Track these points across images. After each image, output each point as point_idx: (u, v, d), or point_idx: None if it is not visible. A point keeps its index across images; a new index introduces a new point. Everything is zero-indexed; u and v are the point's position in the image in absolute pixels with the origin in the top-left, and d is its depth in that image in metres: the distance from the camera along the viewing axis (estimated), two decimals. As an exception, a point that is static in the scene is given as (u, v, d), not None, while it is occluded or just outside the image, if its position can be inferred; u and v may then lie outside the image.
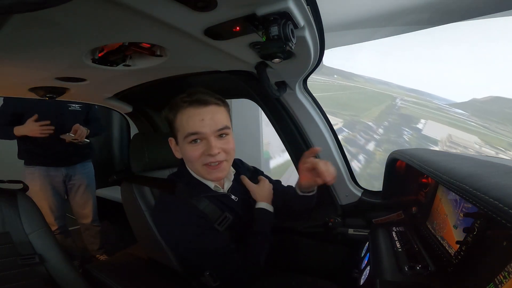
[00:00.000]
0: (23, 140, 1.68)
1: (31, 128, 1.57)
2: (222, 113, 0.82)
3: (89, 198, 1.92)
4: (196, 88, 0.82)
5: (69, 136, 1.63)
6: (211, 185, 0.88)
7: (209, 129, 0.77)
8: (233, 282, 0.80)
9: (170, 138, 0.88)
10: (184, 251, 0.86)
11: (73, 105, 1.73)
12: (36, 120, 1.56)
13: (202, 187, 0.87)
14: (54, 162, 1.75)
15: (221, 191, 0.90)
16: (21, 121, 1.61)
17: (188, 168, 0.89)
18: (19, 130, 1.60)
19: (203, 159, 0.79)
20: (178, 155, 0.86)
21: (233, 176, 0.97)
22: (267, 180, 1.00)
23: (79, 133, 1.64)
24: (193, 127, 0.76)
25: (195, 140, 0.78)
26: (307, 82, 1.10)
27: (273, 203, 0.97)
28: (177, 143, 0.85)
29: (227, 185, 0.94)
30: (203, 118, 0.77)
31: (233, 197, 0.93)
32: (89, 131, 1.72)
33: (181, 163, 0.92)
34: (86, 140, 1.67)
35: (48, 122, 1.58)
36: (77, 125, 1.64)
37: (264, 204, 0.92)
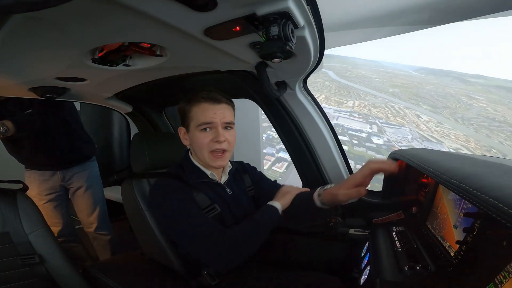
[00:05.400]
0: (10, 142, 1.55)
1: None
2: (230, 111, 0.96)
3: (90, 202, 1.72)
4: (211, 87, 0.95)
5: None
6: (208, 173, 0.97)
7: (219, 120, 0.91)
8: (219, 264, 0.83)
9: (180, 128, 0.99)
10: (176, 235, 0.92)
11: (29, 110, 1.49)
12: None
13: (200, 173, 0.97)
14: (49, 165, 1.61)
15: (218, 181, 0.99)
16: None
17: (190, 156, 0.99)
18: None
19: (210, 145, 0.91)
20: (186, 142, 0.98)
21: (228, 170, 1.03)
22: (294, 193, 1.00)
23: None
24: (207, 118, 0.90)
25: (205, 129, 0.91)
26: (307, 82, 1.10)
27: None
28: (187, 131, 0.96)
29: (224, 178, 1.02)
30: (215, 112, 0.91)
31: (228, 190, 1.00)
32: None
33: (185, 153, 1.03)
34: None
35: None
36: None
37: (278, 204, 0.94)
